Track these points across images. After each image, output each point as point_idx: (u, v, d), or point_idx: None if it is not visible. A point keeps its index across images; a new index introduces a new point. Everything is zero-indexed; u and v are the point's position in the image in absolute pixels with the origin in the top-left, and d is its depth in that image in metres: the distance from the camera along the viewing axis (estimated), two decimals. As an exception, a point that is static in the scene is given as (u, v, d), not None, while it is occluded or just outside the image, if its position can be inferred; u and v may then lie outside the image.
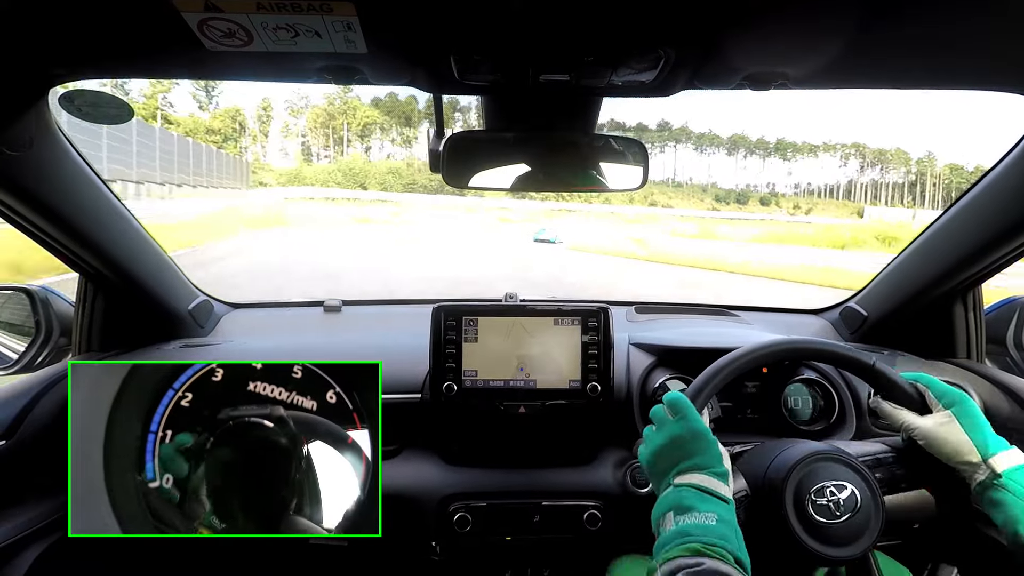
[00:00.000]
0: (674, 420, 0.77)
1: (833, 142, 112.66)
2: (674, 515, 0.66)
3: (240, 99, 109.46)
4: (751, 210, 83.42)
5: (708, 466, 0.70)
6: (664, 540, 0.65)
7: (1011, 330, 1.23)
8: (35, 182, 0.86)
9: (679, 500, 0.67)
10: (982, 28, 0.62)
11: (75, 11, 0.60)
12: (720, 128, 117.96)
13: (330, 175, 66.57)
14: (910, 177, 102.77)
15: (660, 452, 0.75)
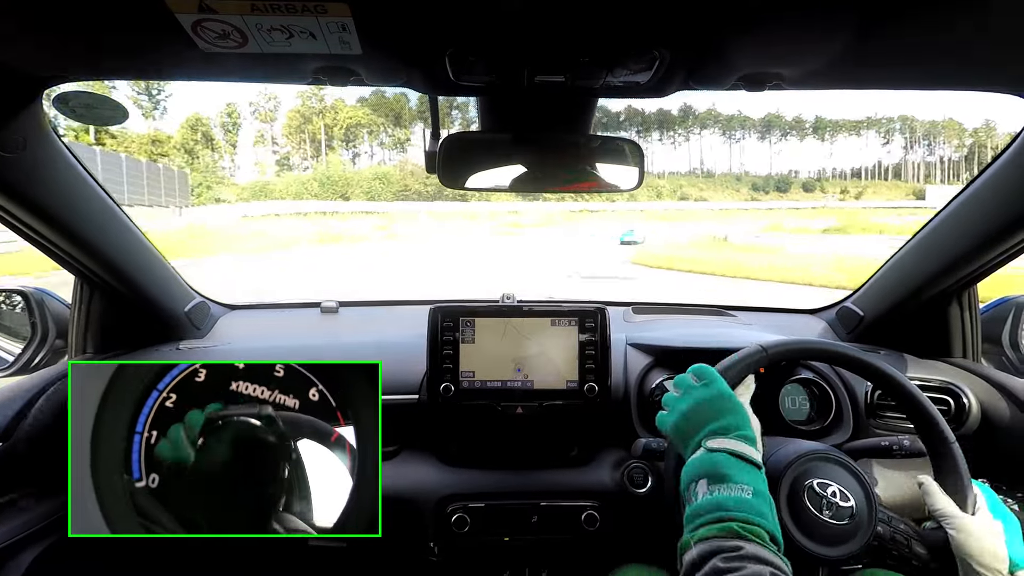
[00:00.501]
0: (700, 385, 0.76)
1: (878, 116, 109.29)
2: (708, 483, 0.65)
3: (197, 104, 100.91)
4: (795, 197, 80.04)
5: (738, 428, 0.70)
6: (697, 509, 0.64)
7: (1007, 329, 1.23)
8: (29, 184, 0.86)
9: (714, 466, 0.66)
10: (979, 29, 0.62)
11: (69, 12, 0.59)
12: (751, 109, 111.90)
13: (304, 186, 61.31)
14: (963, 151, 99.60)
15: (688, 415, 0.74)
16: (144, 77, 0.81)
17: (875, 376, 0.85)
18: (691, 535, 0.62)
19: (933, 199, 60.90)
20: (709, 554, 0.58)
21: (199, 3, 0.55)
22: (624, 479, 1.04)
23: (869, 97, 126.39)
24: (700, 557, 0.59)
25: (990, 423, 1.04)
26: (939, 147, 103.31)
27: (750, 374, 0.85)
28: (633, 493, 1.03)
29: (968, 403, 1.04)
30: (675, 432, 0.75)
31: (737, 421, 0.71)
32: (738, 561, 0.56)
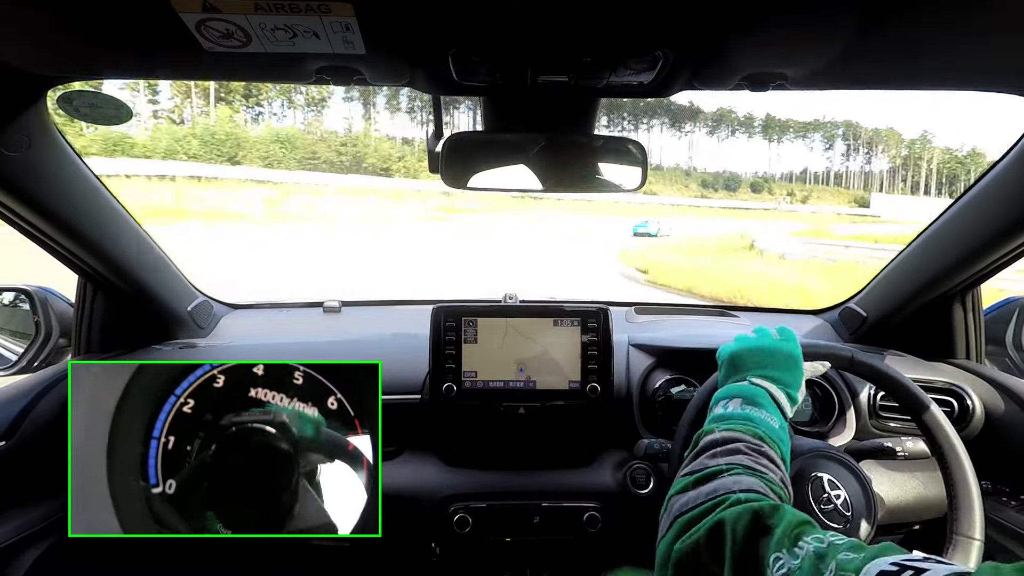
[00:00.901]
0: (778, 339, 0.77)
1: (825, 119, 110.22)
2: (742, 402, 0.67)
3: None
4: (743, 197, 77.60)
5: (787, 385, 0.72)
6: (725, 415, 0.66)
7: (1010, 331, 1.23)
8: (33, 183, 0.86)
9: (752, 394, 0.68)
10: (981, 29, 0.62)
11: (73, 13, 0.60)
12: (703, 101, 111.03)
13: (180, 143, 48.62)
14: (899, 161, 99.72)
15: (750, 352, 0.76)
16: (148, 76, 0.81)
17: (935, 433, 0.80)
18: (716, 427, 0.64)
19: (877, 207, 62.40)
20: (733, 440, 0.60)
21: (203, 3, 0.55)
22: (626, 480, 1.04)
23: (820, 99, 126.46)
24: (723, 440, 0.61)
25: (993, 425, 1.03)
26: (878, 155, 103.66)
27: (823, 365, 0.84)
28: (635, 494, 1.03)
29: (972, 405, 1.04)
30: (730, 360, 0.77)
31: (791, 379, 0.73)
32: (759, 455, 0.58)
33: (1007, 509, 0.97)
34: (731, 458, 0.58)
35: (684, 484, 0.57)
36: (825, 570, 0.38)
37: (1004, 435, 1.02)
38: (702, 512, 0.51)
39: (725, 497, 0.51)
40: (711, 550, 0.47)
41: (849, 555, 0.38)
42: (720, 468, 0.56)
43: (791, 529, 0.44)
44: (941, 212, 1.08)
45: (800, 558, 0.41)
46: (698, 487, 0.55)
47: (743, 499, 0.50)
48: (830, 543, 0.41)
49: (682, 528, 0.52)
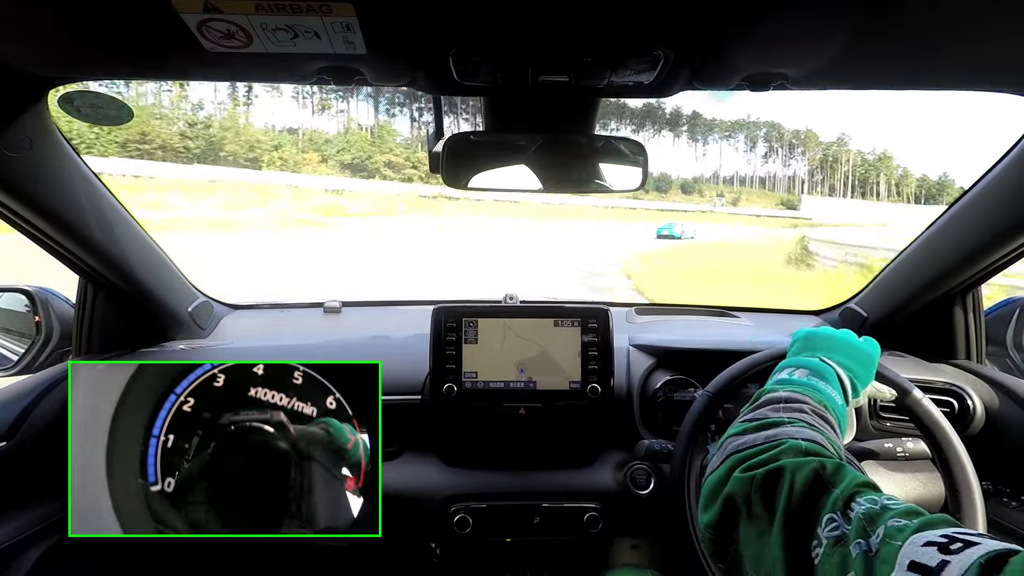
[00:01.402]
0: (862, 340, 0.77)
1: (750, 118, 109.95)
2: (809, 374, 0.67)
3: None
4: (674, 199, 73.93)
5: (857, 376, 0.71)
6: (790, 379, 0.66)
7: (1011, 331, 1.23)
8: (34, 183, 0.86)
9: (821, 369, 0.68)
10: (982, 28, 0.62)
11: (74, 13, 0.60)
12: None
13: None
14: (814, 163, 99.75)
15: (827, 337, 0.75)
16: (149, 77, 0.81)
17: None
18: (779, 386, 0.63)
19: (808, 210, 62.48)
20: (797, 400, 0.60)
21: (204, 3, 0.55)
22: (627, 481, 1.04)
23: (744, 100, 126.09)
24: (787, 398, 0.60)
25: (994, 425, 1.03)
26: (798, 158, 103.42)
27: (887, 396, 0.83)
28: (636, 495, 1.02)
29: (972, 405, 1.04)
30: (805, 338, 0.76)
31: (861, 372, 0.72)
32: (822, 420, 0.57)
33: (1008, 510, 0.97)
34: (794, 414, 0.57)
35: (743, 427, 0.56)
36: (873, 534, 0.37)
37: (1004, 435, 1.02)
38: (759, 451, 0.50)
39: (785, 441, 0.50)
40: (765, 495, 0.46)
41: (901, 521, 0.37)
42: (782, 420, 0.55)
43: (848, 490, 0.42)
44: (942, 212, 1.08)
45: (851, 520, 0.40)
46: (758, 431, 0.54)
47: (804, 448, 0.48)
48: (884, 506, 0.39)
49: (735, 464, 0.50)
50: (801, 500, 0.44)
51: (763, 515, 0.45)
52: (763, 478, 0.47)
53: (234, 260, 10.57)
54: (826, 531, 0.40)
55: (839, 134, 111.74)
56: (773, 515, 0.44)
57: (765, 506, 0.45)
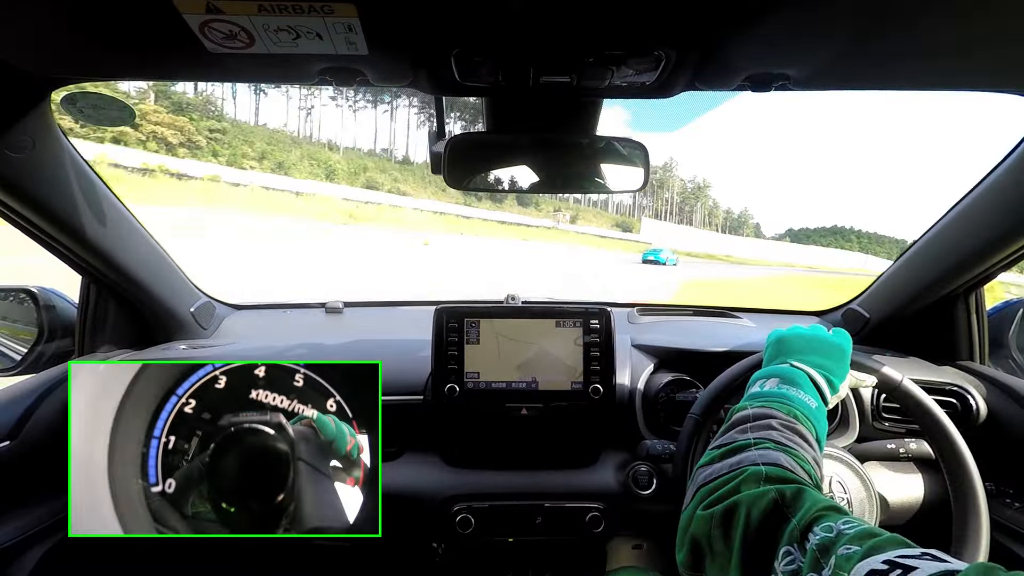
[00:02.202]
0: (828, 332, 0.77)
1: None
2: (780, 382, 0.67)
3: None
4: (510, 210, 64.04)
5: (830, 372, 0.71)
6: (761, 393, 0.66)
7: (1013, 331, 1.23)
8: (37, 184, 0.86)
9: (791, 375, 0.68)
10: (983, 29, 0.62)
11: (77, 13, 0.60)
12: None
13: None
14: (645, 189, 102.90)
15: (796, 337, 0.75)
16: (151, 78, 0.81)
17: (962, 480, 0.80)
18: (749, 403, 0.63)
19: (648, 234, 60.05)
20: (764, 416, 0.59)
21: (207, 4, 0.55)
22: (629, 481, 1.04)
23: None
24: (755, 415, 0.60)
25: (997, 426, 1.03)
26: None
27: (868, 382, 0.84)
28: (638, 495, 1.02)
29: (975, 406, 1.04)
30: (777, 342, 0.77)
31: (835, 367, 0.72)
32: (791, 431, 0.57)
33: (1011, 511, 0.97)
34: (761, 433, 0.57)
35: (711, 456, 0.56)
36: (826, 566, 0.37)
37: (1007, 436, 1.01)
38: (722, 483, 0.50)
39: (745, 469, 0.50)
40: (724, 532, 0.46)
41: (849, 549, 0.37)
42: (748, 442, 0.55)
43: (807, 518, 0.42)
44: (944, 213, 1.08)
45: (807, 552, 0.39)
46: (723, 459, 0.54)
47: (764, 473, 0.48)
48: (839, 532, 0.39)
49: (701, 500, 0.51)
50: (758, 534, 0.43)
51: (723, 552, 0.45)
52: (721, 515, 0.47)
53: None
54: (782, 565, 0.40)
55: (667, 158, 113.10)
56: (731, 551, 0.44)
57: (725, 543, 0.45)
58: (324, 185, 41.01)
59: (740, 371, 0.88)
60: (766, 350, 0.79)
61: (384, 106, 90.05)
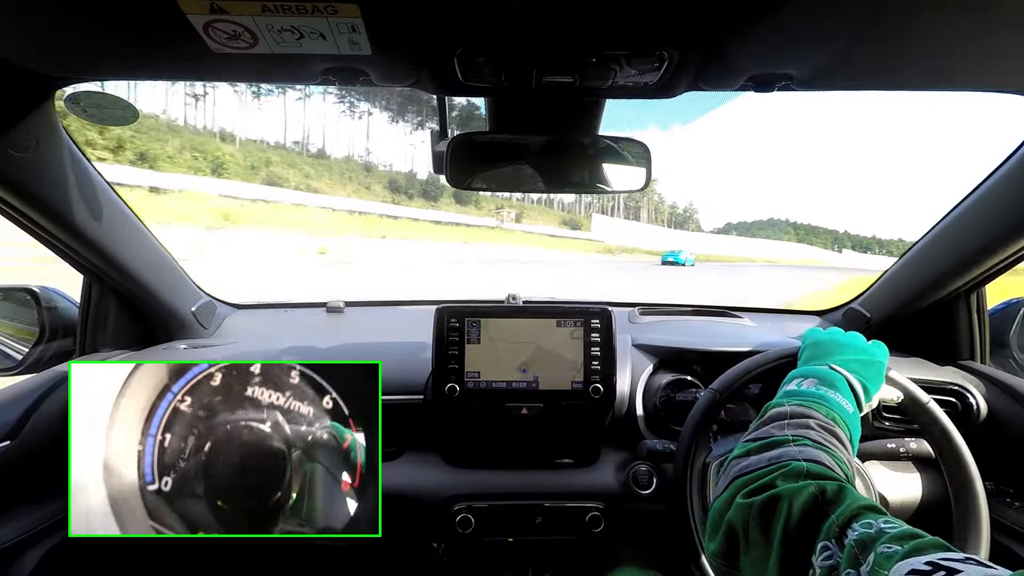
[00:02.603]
0: (870, 344, 0.76)
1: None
2: (818, 383, 0.66)
3: None
4: (447, 208, 56.85)
5: (868, 382, 0.70)
6: (798, 391, 0.65)
7: (1015, 331, 1.23)
8: (40, 183, 0.86)
9: (830, 377, 0.67)
10: (983, 29, 0.62)
11: (80, 13, 0.60)
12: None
13: None
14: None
15: (835, 342, 0.75)
16: (154, 78, 0.81)
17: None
18: (786, 400, 0.63)
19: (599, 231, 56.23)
20: (802, 415, 0.59)
21: (211, 4, 0.56)
22: (629, 480, 1.04)
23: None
24: (792, 413, 0.59)
25: (997, 425, 1.03)
26: None
27: (894, 398, 0.84)
28: (638, 494, 1.03)
29: (976, 405, 1.04)
30: (815, 344, 0.76)
31: (871, 376, 0.71)
32: (829, 434, 0.56)
33: (1011, 510, 0.97)
34: (799, 431, 0.56)
35: (747, 448, 0.56)
36: (864, 562, 0.37)
37: (1008, 436, 1.02)
38: (761, 475, 0.50)
39: (787, 463, 0.49)
40: (763, 523, 0.45)
41: (891, 547, 0.37)
42: (786, 438, 0.55)
43: (846, 514, 0.42)
44: (946, 212, 1.08)
45: (845, 547, 0.39)
46: (761, 452, 0.54)
47: (805, 469, 0.48)
48: (879, 530, 0.39)
49: (738, 489, 0.50)
50: (798, 528, 0.43)
51: (761, 543, 0.45)
52: (761, 505, 0.46)
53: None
54: (820, 560, 0.40)
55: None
56: (770, 544, 0.44)
57: (763, 534, 0.45)
58: (206, 181, 32.49)
59: (770, 359, 0.88)
60: (802, 350, 0.79)
61: (297, 93, 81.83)
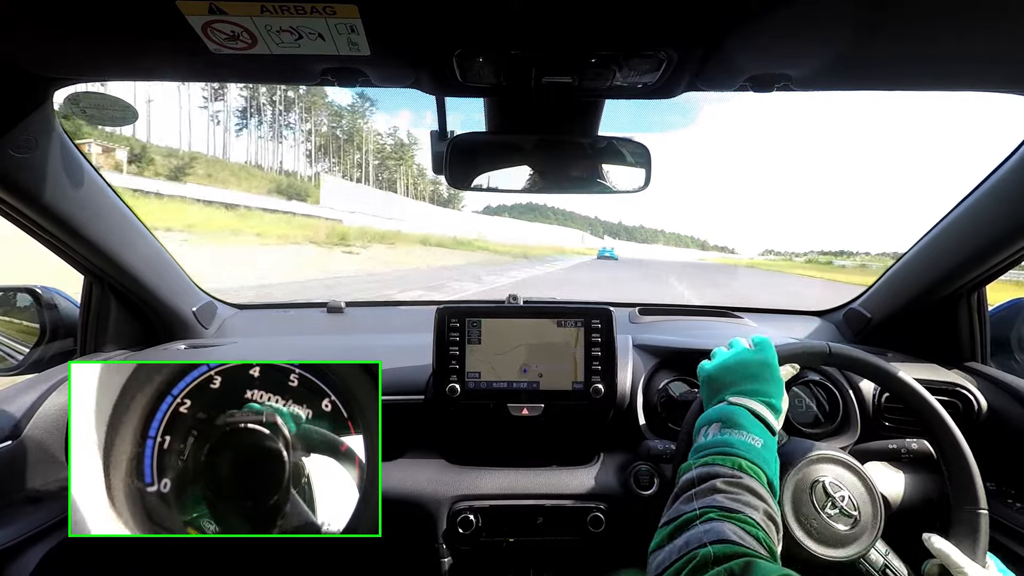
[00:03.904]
0: (751, 349, 0.77)
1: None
2: (721, 426, 0.66)
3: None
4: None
5: (768, 395, 0.70)
6: (705, 444, 0.65)
7: (1015, 332, 1.22)
8: (40, 184, 0.86)
9: (731, 415, 0.67)
10: (983, 29, 0.62)
11: (79, 14, 0.60)
12: None
13: None
14: (321, 138, 70.19)
15: (726, 367, 0.75)
16: (153, 78, 0.81)
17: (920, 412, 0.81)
18: (694, 462, 0.63)
19: (333, 200, 38.26)
20: (708, 476, 0.59)
21: (209, 5, 0.56)
22: (630, 481, 1.04)
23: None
24: (699, 477, 0.60)
25: (999, 426, 1.03)
26: (295, 123, 75.77)
27: (792, 368, 0.85)
28: (639, 495, 1.02)
29: (977, 406, 1.04)
30: (708, 380, 0.77)
31: (770, 389, 0.71)
32: (737, 488, 0.57)
33: (1012, 511, 0.97)
34: (706, 499, 0.56)
35: (660, 538, 0.56)
36: None
37: (1009, 436, 1.01)
38: (674, 573, 0.50)
39: (694, 554, 0.50)
40: None
41: None
42: (693, 514, 0.55)
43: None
44: (946, 212, 1.08)
45: None
46: (672, 540, 0.54)
47: (712, 555, 0.48)
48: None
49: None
50: None
51: None
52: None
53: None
54: None
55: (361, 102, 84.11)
56: None
57: None
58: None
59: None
60: (701, 389, 0.78)
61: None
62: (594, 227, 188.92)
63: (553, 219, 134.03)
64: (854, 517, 0.73)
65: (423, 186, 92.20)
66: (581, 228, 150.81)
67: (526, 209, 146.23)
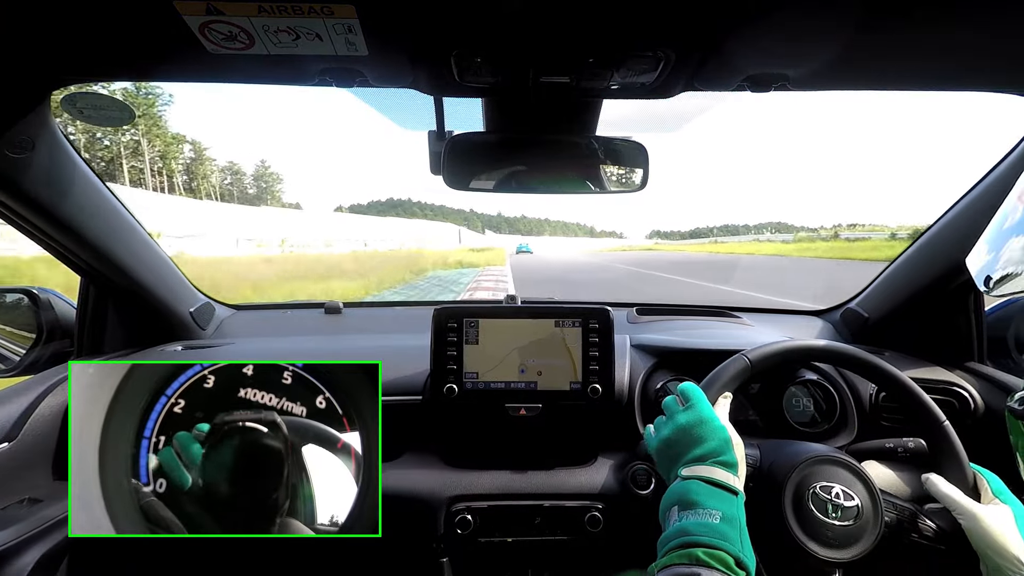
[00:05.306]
0: (683, 409, 0.77)
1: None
2: (678, 510, 0.66)
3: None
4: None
5: (716, 454, 0.70)
6: (665, 538, 0.64)
7: (1012, 331, 1.23)
8: (37, 184, 0.86)
9: (685, 493, 0.66)
10: (983, 29, 0.62)
11: (77, 14, 0.60)
12: None
13: None
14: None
15: (668, 441, 0.75)
16: (150, 79, 0.81)
17: (862, 367, 0.86)
18: (656, 564, 0.62)
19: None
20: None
21: (206, 5, 0.56)
22: (628, 480, 1.04)
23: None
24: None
25: (995, 425, 1.03)
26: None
27: (735, 389, 0.85)
28: (637, 495, 1.02)
29: (973, 404, 1.04)
30: (658, 459, 0.77)
31: (716, 446, 0.71)
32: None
33: None
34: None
35: None
36: None
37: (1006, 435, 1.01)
38: None
39: None
40: None
41: None
42: None
43: None
44: (943, 212, 1.08)
45: None
46: None
47: None
48: None
49: None
50: None
51: None
52: None
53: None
54: None
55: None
56: None
57: None
58: None
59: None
60: (657, 466, 0.79)
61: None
62: (470, 220, 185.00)
63: (420, 214, 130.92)
64: (855, 518, 0.73)
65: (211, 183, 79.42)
66: (456, 223, 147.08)
67: (387, 206, 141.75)
